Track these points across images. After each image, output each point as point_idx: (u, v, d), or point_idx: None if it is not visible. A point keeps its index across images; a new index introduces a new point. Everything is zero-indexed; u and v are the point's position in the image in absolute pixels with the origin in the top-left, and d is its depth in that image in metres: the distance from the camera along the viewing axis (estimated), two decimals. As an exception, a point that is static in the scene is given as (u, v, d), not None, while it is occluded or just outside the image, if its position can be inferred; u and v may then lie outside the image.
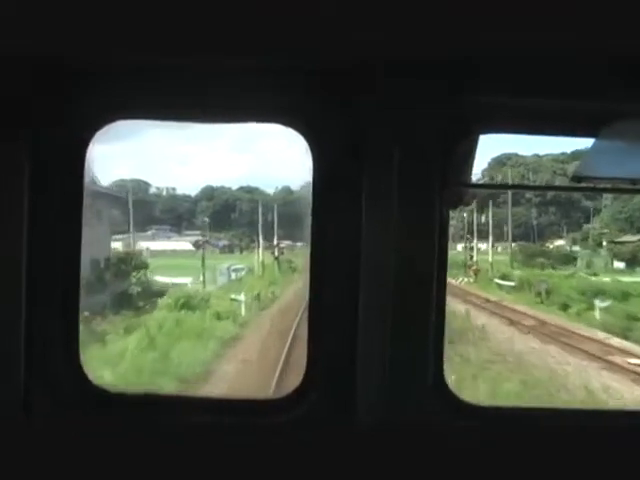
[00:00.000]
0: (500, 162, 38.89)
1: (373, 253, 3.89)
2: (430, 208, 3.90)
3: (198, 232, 41.38)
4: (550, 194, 39.98)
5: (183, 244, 40.30)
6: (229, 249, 42.08)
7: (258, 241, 40.18)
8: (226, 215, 41.75)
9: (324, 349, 4.03)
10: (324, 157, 3.96)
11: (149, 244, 38.06)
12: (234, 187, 42.42)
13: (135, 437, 4.01)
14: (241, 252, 42.33)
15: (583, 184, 4.54)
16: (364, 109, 3.87)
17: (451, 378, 4.20)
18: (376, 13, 3.42)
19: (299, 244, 43.50)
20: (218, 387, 19.11)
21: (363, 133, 3.88)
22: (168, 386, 17.99)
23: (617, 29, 3.54)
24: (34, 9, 3.27)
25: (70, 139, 3.95)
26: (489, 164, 38.73)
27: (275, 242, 39.91)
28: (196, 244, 40.10)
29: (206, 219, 40.70)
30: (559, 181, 34.92)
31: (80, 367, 4.09)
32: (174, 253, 39.80)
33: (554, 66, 3.82)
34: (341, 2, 3.38)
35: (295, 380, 4.08)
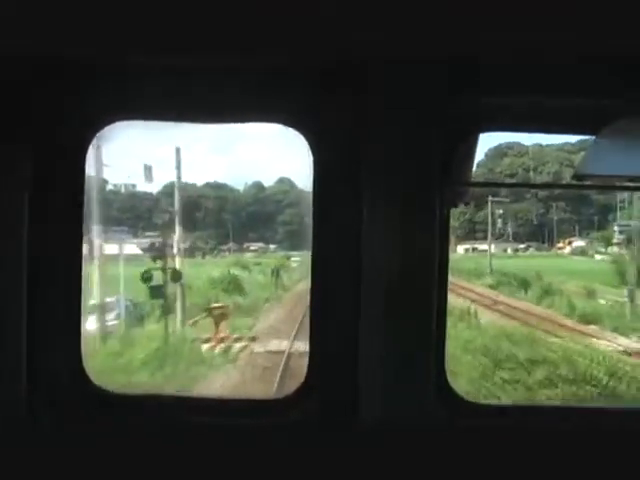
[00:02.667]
0: (500, 152, 37.61)
1: (374, 252, 4.32)
2: (431, 207, 4.32)
3: (158, 233, 41.13)
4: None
5: (131, 247, 38.27)
6: (189, 253, 41.70)
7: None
8: (190, 214, 41.60)
9: (325, 349, 4.45)
10: (325, 157, 4.39)
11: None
12: (199, 183, 42.43)
13: (136, 438, 4.42)
14: (203, 257, 41.98)
15: (584, 182, 5.01)
16: (364, 109, 4.29)
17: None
18: (376, 13, 3.83)
19: (272, 247, 43.41)
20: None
21: (363, 133, 4.29)
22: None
23: (617, 29, 3.98)
24: (34, 9, 3.65)
25: (71, 139, 4.36)
26: (486, 155, 37.63)
27: (176, 248, 31.52)
28: (151, 247, 39.50)
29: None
30: (567, 172, 34.20)
31: (82, 368, 4.51)
32: (117, 259, 36.94)
33: (554, 66, 4.25)
34: (341, 2, 3.80)
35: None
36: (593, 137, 4.61)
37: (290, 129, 4.53)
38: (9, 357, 4.35)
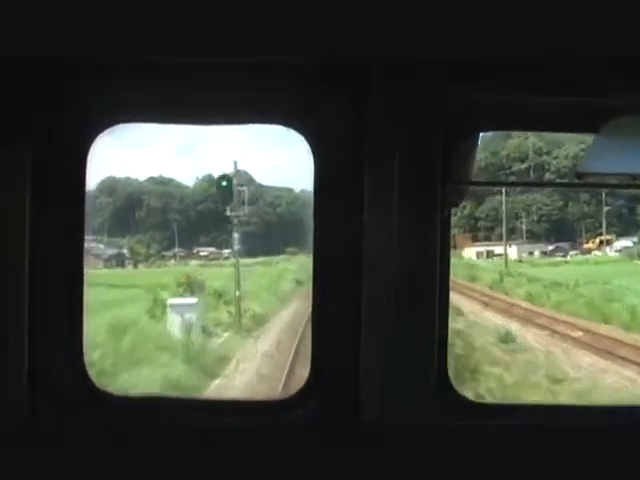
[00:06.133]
0: (504, 132, 36.59)
1: (375, 253, 5.02)
2: (432, 207, 5.03)
3: (92, 237, 41.07)
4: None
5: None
6: (118, 261, 41.26)
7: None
8: (129, 214, 41.52)
9: (327, 349, 5.16)
10: (325, 158, 5.09)
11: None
12: (141, 178, 42.60)
13: (138, 439, 5.11)
14: (135, 266, 41.95)
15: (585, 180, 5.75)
16: (364, 109, 4.98)
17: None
18: (376, 13, 4.52)
19: (226, 251, 43.52)
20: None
21: (364, 133, 4.99)
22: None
23: (617, 29, 4.69)
24: (34, 9, 4.30)
25: (71, 139, 5.03)
26: (487, 136, 36.15)
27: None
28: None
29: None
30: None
31: (84, 370, 5.20)
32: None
33: (554, 65, 4.96)
34: (341, 2, 4.49)
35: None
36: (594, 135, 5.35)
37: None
38: (11, 357, 5.02)
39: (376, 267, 5.03)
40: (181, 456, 5.04)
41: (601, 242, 38.58)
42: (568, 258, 38.06)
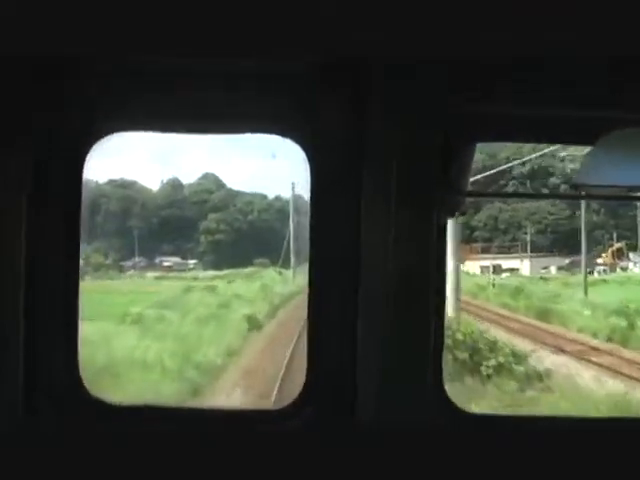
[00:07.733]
0: None
1: (372, 254, 5.37)
2: (428, 214, 5.39)
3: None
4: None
5: None
6: None
7: None
8: (87, 220, 41.35)
9: (324, 350, 5.52)
10: (322, 162, 5.44)
11: None
12: (101, 180, 42.57)
13: (133, 448, 5.43)
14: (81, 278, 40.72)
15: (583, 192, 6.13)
16: (364, 109, 5.32)
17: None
18: (376, 13, 4.85)
19: (191, 262, 43.26)
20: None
21: (364, 134, 5.32)
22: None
23: (617, 29, 5.04)
24: (34, 9, 4.60)
25: (71, 140, 5.36)
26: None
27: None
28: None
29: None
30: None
31: (79, 378, 5.53)
32: None
33: (554, 68, 5.31)
34: (341, 2, 4.81)
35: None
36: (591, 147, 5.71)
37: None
38: (8, 358, 5.34)
39: (373, 268, 5.38)
40: (178, 465, 5.36)
41: (613, 253, 36.77)
42: (600, 276, 34.53)
